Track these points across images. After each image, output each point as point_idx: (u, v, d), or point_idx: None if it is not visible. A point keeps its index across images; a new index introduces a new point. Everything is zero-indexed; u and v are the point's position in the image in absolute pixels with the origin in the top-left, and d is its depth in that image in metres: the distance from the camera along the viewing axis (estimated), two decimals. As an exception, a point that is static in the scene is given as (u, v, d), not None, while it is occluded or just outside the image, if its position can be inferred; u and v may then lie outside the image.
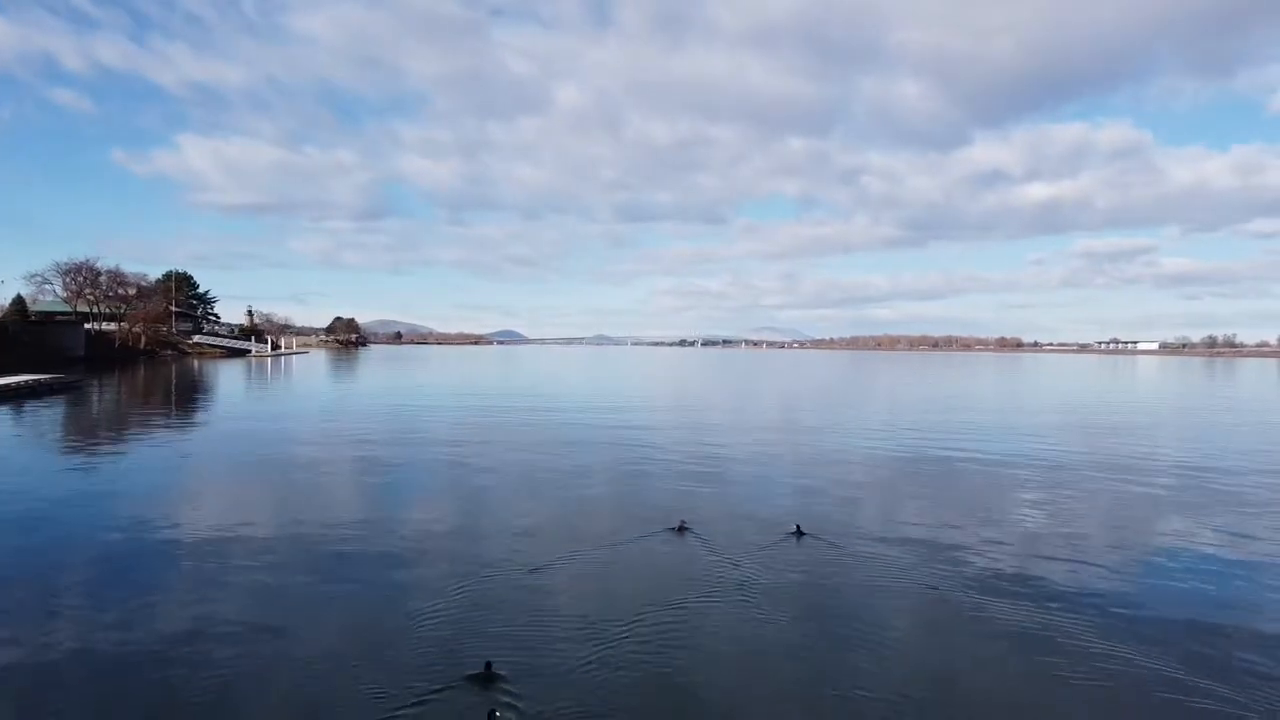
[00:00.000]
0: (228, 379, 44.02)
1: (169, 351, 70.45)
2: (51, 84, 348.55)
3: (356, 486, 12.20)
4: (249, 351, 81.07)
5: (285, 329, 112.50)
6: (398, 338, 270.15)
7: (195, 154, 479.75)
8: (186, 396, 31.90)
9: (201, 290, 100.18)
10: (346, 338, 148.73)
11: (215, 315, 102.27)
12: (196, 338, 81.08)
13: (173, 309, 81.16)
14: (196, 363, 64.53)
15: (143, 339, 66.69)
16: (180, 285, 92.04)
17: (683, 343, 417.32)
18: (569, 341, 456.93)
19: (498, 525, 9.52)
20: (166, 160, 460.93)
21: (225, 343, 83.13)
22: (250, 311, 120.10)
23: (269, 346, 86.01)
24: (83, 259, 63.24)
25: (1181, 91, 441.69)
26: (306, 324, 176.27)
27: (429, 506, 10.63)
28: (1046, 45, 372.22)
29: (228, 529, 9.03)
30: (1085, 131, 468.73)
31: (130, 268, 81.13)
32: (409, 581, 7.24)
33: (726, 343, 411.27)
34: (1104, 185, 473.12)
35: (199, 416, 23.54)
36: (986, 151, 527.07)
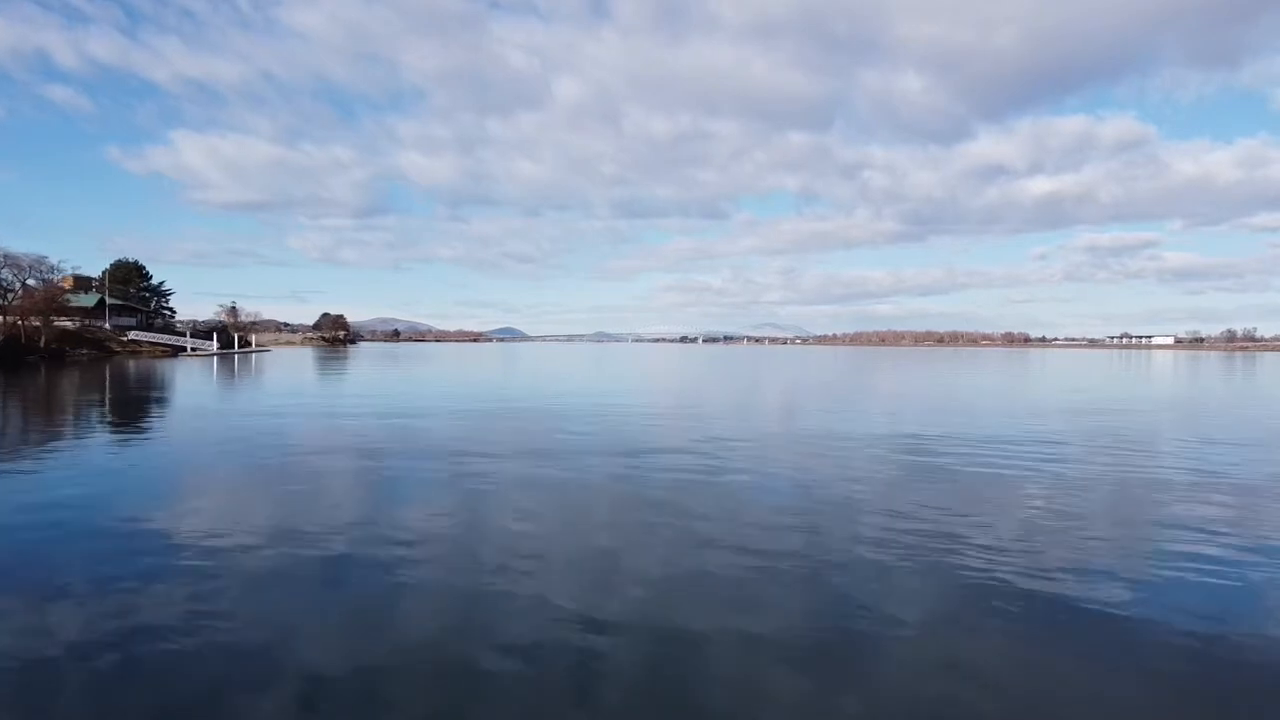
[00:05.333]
0: (95, 391, 31.83)
1: (84, 351, 58.19)
2: (46, 80, 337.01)
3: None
4: (184, 349, 68.96)
5: (254, 325, 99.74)
6: (395, 335, 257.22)
7: (191, 151, 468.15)
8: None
9: (155, 282, 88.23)
10: (334, 335, 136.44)
11: (170, 309, 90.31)
12: (132, 334, 68.88)
13: (107, 300, 69.39)
14: (131, 363, 52.78)
15: (42, 335, 54.24)
16: (129, 276, 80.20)
17: (684, 339, 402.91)
18: (570, 339, 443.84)
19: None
20: (162, 158, 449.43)
21: (163, 339, 70.65)
22: (235, 307, 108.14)
23: (215, 343, 73.64)
24: None
25: (1186, 84, 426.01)
26: (302, 321, 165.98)
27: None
28: (1049, 37, 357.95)
29: None
30: (1088, 125, 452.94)
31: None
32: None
33: (728, 339, 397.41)
34: (1107, 179, 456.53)
35: None
36: (989, 145, 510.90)
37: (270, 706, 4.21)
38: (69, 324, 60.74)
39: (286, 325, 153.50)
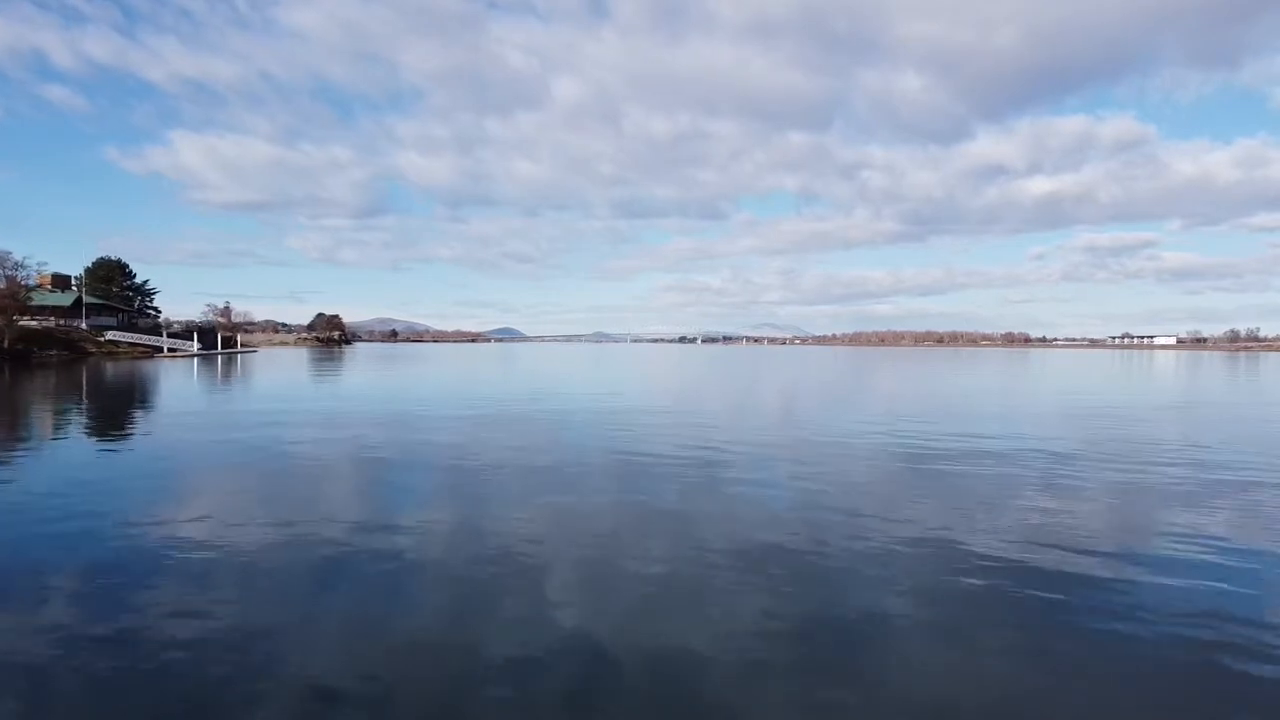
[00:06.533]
0: (47, 396, 28.57)
1: (54, 352, 54.70)
2: (42, 80, 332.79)
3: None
4: (160, 350, 65.45)
5: (243, 325, 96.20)
6: (392, 335, 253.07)
7: (190, 151, 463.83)
8: None
9: (139, 280, 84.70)
10: (328, 335, 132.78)
11: (155, 309, 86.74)
12: (110, 334, 65.39)
13: (84, 299, 66.03)
14: (107, 365, 49.61)
15: (4, 336, 50.64)
16: (112, 275, 76.86)
17: (683, 339, 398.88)
18: (568, 339, 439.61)
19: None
20: (161, 158, 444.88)
21: (141, 340, 67.06)
22: (228, 307, 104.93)
23: (196, 344, 70.21)
24: None
25: (1186, 83, 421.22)
26: (300, 322, 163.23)
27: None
28: (1049, 37, 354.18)
29: None
30: (1088, 125, 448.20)
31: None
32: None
33: (727, 339, 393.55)
34: (1106, 179, 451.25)
35: None
36: (988, 145, 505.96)
37: (268, 709, 4.14)
38: (34, 324, 57.17)
39: (284, 326, 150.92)
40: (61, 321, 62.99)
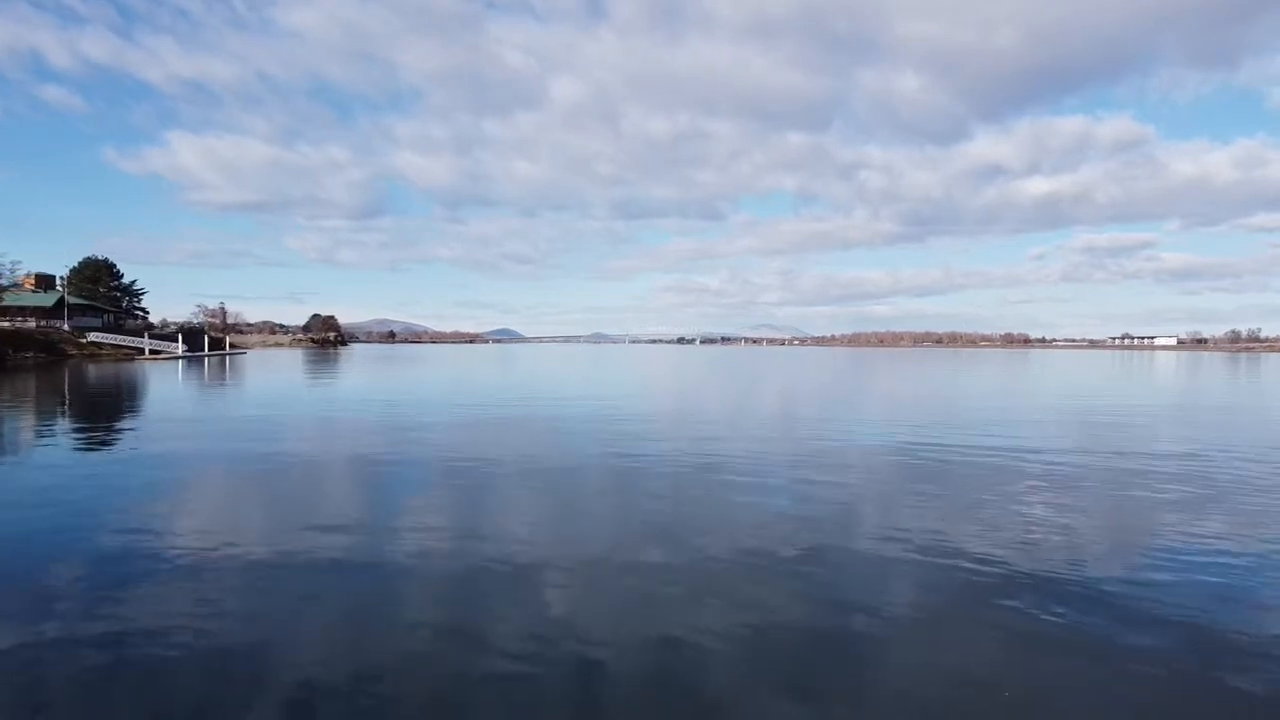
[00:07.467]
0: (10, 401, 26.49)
1: (30, 354, 52.44)
2: (40, 81, 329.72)
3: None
4: (142, 351, 63.18)
5: (234, 326, 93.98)
6: (390, 337, 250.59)
7: (188, 152, 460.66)
8: None
9: (126, 281, 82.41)
10: (324, 336, 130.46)
11: (143, 310, 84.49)
12: (92, 335, 63.18)
13: (67, 300, 63.83)
14: (90, 367, 47.48)
15: (-24, 337, 48.53)
16: (99, 275, 74.62)
17: (681, 340, 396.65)
18: (567, 340, 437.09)
19: None
20: (159, 159, 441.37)
21: (125, 341, 64.80)
22: (223, 307, 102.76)
23: (181, 345, 67.97)
24: None
25: (1185, 83, 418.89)
26: (298, 323, 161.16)
27: None
28: (1049, 37, 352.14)
29: None
30: (1086, 125, 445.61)
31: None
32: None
33: (725, 340, 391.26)
34: (1105, 179, 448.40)
35: None
36: (987, 145, 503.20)
37: (263, 709, 4.10)
38: (6, 324, 54.93)
39: (282, 327, 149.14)
40: (43, 322, 60.85)
